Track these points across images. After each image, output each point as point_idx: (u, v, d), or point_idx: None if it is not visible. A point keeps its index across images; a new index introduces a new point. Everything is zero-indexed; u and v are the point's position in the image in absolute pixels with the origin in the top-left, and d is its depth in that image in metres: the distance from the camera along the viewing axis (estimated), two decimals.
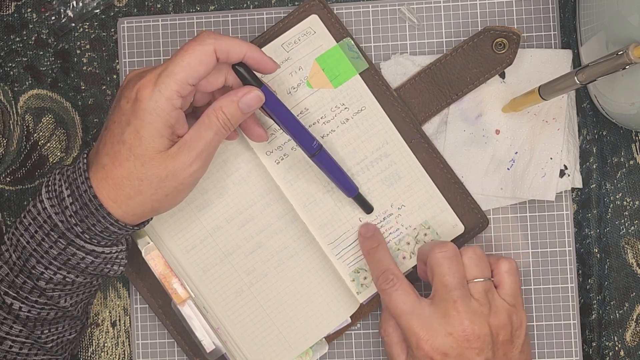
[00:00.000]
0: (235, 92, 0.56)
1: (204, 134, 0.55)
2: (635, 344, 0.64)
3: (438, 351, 0.55)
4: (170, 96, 0.53)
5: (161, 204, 0.56)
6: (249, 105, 0.56)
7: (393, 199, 0.65)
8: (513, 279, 0.58)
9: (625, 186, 0.64)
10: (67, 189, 0.55)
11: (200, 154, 0.55)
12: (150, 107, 0.53)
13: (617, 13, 0.54)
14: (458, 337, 0.55)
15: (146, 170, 0.54)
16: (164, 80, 0.53)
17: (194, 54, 0.53)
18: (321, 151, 0.60)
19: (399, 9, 0.66)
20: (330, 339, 0.65)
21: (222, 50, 0.54)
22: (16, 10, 0.67)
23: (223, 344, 0.65)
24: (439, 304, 0.56)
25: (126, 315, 0.67)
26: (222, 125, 0.55)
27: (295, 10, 0.65)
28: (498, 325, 0.56)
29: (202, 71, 0.54)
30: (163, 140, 0.54)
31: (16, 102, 0.67)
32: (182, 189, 0.56)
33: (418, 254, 0.61)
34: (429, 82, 0.65)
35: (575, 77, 0.54)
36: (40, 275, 0.56)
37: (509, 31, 0.63)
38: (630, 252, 0.64)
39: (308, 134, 0.60)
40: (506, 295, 0.58)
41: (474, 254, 0.58)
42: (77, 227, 0.55)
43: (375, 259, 0.61)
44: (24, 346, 0.58)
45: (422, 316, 0.56)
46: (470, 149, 0.65)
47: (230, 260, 0.65)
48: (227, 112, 0.55)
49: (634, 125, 0.60)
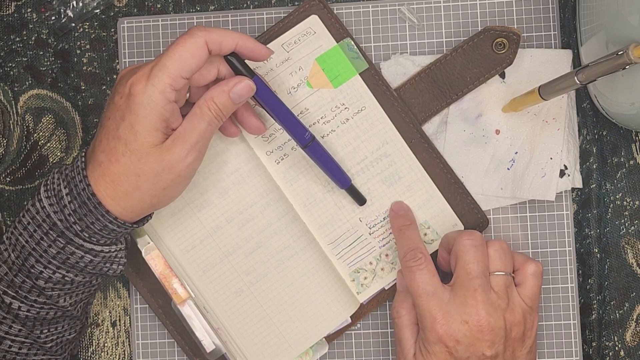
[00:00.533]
0: (226, 82, 0.56)
1: (197, 125, 0.55)
2: (635, 344, 0.64)
3: (451, 337, 0.55)
4: (164, 89, 0.53)
5: (159, 198, 0.56)
6: (239, 95, 0.56)
7: (393, 198, 0.65)
8: (536, 282, 0.58)
9: (625, 186, 0.64)
10: (66, 187, 0.55)
11: (195, 145, 0.55)
12: (144, 102, 0.53)
13: (617, 13, 0.54)
14: (472, 326, 0.55)
15: (142, 165, 0.54)
16: (156, 74, 0.53)
17: (185, 47, 0.53)
18: (313, 142, 0.60)
19: (399, 9, 0.66)
20: (330, 339, 0.65)
21: (214, 42, 0.54)
22: (16, 10, 0.67)
23: (223, 344, 0.65)
24: (459, 290, 0.56)
25: (126, 315, 0.67)
26: (214, 115, 0.55)
27: (295, 11, 0.65)
28: (513, 322, 0.56)
29: (194, 64, 0.54)
30: (158, 134, 0.54)
31: (16, 102, 0.67)
32: (179, 181, 0.56)
33: (442, 242, 0.62)
34: (429, 82, 0.65)
35: (575, 77, 0.54)
36: (39, 274, 0.56)
37: (509, 31, 0.63)
38: (630, 252, 0.64)
39: (300, 125, 0.60)
40: (526, 296, 0.58)
41: (500, 248, 0.58)
42: (75, 226, 0.55)
43: (405, 236, 0.61)
44: (23, 346, 0.58)
45: (441, 300, 0.57)
46: (470, 149, 0.65)
47: (230, 260, 0.65)
48: (218, 102, 0.55)
49: (634, 125, 0.60)
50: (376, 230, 0.65)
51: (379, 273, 0.65)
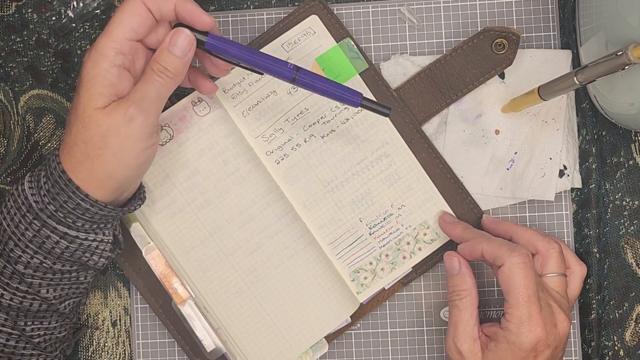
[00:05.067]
0: (164, 39, 0.55)
1: (139, 85, 0.55)
2: (635, 344, 0.64)
3: (545, 341, 0.56)
4: (106, 53, 0.54)
5: (112, 165, 0.54)
6: (180, 47, 0.55)
7: (393, 199, 0.65)
8: (581, 285, 0.62)
9: (624, 186, 0.64)
10: (44, 170, 0.56)
11: (139, 104, 0.54)
12: (88, 67, 0.54)
13: (617, 13, 0.54)
14: (560, 331, 0.57)
15: (88, 132, 0.54)
16: (99, 40, 0.54)
17: (123, 10, 0.55)
18: (300, 72, 0.56)
19: (399, 10, 0.66)
20: (330, 339, 0.65)
21: (151, 2, 0.55)
22: (17, 10, 0.67)
23: (223, 344, 0.65)
24: (521, 312, 0.56)
25: (126, 314, 0.67)
26: (157, 74, 0.54)
27: (295, 11, 0.65)
28: (564, 324, 0.58)
29: (135, 23, 0.54)
30: (101, 98, 0.54)
31: (17, 102, 0.67)
32: (130, 145, 0.54)
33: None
34: (429, 83, 0.65)
35: (574, 77, 0.54)
36: (17, 258, 0.56)
37: (509, 31, 0.64)
38: (629, 252, 0.64)
39: (278, 60, 0.56)
40: (572, 296, 0.61)
41: (561, 250, 0.60)
42: (50, 206, 0.55)
43: (486, 240, 0.60)
44: (11, 337, 0.58)
45: (537, 302, 0.57)
46: (470, 149, 0.65)
47: (230, 260, 0.65)
48: (160, 60, 0.54)
49: (633, 126, 0.60)
50: (376, 231, 0.65)
51: (378, 273, 0.65)
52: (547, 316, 0.56)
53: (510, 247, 0.57)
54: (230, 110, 0.65)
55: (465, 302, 0.59)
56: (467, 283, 0.59)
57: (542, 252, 0.59)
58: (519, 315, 0.56)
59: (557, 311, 0.57)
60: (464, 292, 0.59)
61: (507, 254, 0.56)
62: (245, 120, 0.65)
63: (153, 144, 0.56)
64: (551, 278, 0.59)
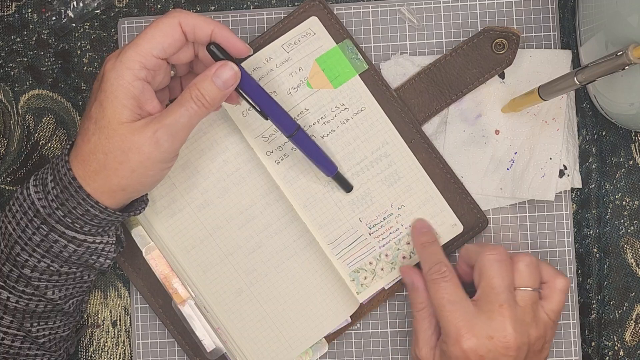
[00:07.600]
0: (209, 68, 0.55)
1: (172, 108, 0.54)
2: (635, 344, 0.64)
3: (475, 352, 0.55)
4: (131, 66, 0.53)
5: (129, 181, 0.54)
6: (224, 80, 0.55)
7: (393, 199, 0.65)
8: (563, 298, 0.58)
9: (624, 186, 0.64)
10: (51, 174, 0.55)
11: (167, 128, 0.54)
12: (111, 78, 0.53)
13: (617, 13, 0.54)
14: (498, 342, 0.55)
15: (110, 144, 0.53)
16: (125, 51, 0.54)
17: (157, 27, 0.54)
18: (299, 132, 0.60)
19: (399, 10, 0.66)
20: (330, 338, 0.66)
21: (188, 24, 0.54)
22: (17, 10, 0.67)
23: (223, 344, 0.65)
24: (484, 305, 0.56)
25: (127, 314, 0.67)
26: (194, 100, 0.54)
27: (295, 11, 0.65)
28: (536, 337, 0.57)
29: (166, 42, 0.54)
30: (125, 111, 0.53)
31: (17, 102, 0.67)
32: (149, 165, 0.54)
33: (461, 254, 0.61)
34: (429, 83, 0.65)
35: (574, 77, 0.54)
36: (24, 262, 0.56)
37: (509, 31, 0.64)
38: (629, 252, 0.64)
39: (285, 114, 0.59)
40: (551, 310, 0.58)
41: (530, 262, 0.58)
42: (58, 212, 0.55)
43: (428, 252, 0.62)
44: (16, 339, 0.58)
45: (467, 312, 0.56)
46: (470, 149, 0.65)
47: (230, 260, 0.65)
48: (200, 87, 0.54)
49: (633, 126, 0.61)
50: (376, 231, 0.65)
51: (378, 273, 0.65)
52: (482, 327, 0.56)
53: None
54: (230, 110, 0.65)
55: (422, 314, 0.60)
56: (422, 297, 0.61)
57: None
58: (446, 328, 0.57)
59: (497, 323, 0.56)
60: (420, 304, 0.61)
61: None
62: (245, 120, 0.65)
63: (172, 165, 0.57)
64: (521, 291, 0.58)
